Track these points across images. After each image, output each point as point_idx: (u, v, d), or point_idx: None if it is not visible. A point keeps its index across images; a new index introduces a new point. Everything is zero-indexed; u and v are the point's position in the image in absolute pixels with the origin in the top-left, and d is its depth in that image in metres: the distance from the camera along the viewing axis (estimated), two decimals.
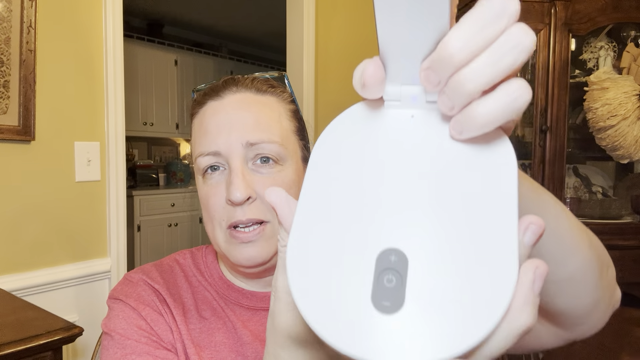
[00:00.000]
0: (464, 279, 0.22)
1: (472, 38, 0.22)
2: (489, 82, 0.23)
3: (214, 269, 0.65)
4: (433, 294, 0.22)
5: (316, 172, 0.27)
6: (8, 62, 1.29)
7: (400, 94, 0.26)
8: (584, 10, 1.81)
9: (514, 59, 0.22)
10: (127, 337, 0.55)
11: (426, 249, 0.23)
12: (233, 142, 0.56)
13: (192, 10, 4.03)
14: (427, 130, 0.26)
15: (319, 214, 0.25)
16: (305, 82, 2.08)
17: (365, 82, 0.25)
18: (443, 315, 0.21)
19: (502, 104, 0.23)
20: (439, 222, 0.24)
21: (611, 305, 0.46)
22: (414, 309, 0.22)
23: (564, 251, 0.37)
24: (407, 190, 0.25)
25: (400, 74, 0.25)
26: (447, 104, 0.24)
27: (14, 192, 1.34)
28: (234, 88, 0.60)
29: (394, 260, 0.23)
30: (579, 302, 0.41)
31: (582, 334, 0.46)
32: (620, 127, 1.76)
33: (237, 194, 0.54)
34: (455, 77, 0.23)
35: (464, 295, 0.22)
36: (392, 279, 0.23)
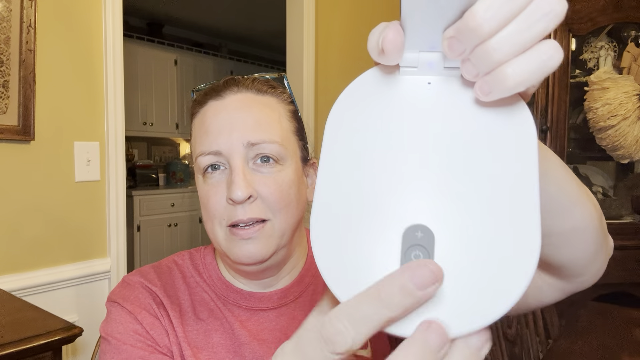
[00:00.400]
0: (488, 252, 0.22)
1: (501, 7, 0.22)
2: (517, 50, 0.22)
3: (212, 270, 0.65)
4: (459, 269, 0.22)
5: (334, 143, 0.26)
6: (8, 62, 1.29)
7: (418, 60, 0.26)
8: (585, 10, 1.81)
9: (544, 26, 0.22)
10: (124, 342, 0.56)
11: (451, 223, 0.23)
12: (234, 142, 0.56)
13: (192, 10, 4.03)
14: (445, 97, 0.26)
15: (339, 187, 0.25)
16: (305, 82, 2.07)
17: (385, 48, 0.24)
18: (470, 289, 0.22)
19: (534, 65, 0.22)
20: (461, 194, 0.24)
21: (608, 254, 0.47)
22: (442, 284, 0.22)
23: (569, 201, 0.38)
24: (429, 162, 0.25)
25: (420, 40, 0.25)
26: (472, 71, 0.24)
27: (13, 192, 1.34)
28: (234, 88, 0.60)
29: (420, 236, 0.23)
30: (582, 251, 0.42)
31: (582, 284, 0.47)
32: (621, 127, 1.75)
33: (239, 193, 0.54)
34: (483, 46, 0.23)
35: (488, 269, 0.22)
36: (419, 255, 0.23)
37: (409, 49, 0.26)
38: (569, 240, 0.40)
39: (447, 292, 0.22)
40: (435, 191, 0.24)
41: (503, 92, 0.23)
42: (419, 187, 0.24)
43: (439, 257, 0.23)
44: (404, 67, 0.26)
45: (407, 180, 0.24)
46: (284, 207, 0.58)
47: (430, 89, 0.26)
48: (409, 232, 0.24)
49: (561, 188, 0.37)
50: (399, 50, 0.25)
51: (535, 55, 0.23)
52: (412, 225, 0.24)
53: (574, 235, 0.40)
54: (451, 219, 0.23)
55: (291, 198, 0.59)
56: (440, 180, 0.24)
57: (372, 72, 0.28)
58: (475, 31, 0.22)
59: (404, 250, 0.23)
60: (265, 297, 0.63)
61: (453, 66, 0.26)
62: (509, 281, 0.22)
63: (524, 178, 0.23)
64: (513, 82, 0.23)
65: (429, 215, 0.24)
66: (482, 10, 0.22)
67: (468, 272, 0.22)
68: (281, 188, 0.57)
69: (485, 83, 0.24)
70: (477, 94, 0.24)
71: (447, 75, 0.26)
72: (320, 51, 2.14)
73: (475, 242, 0.23)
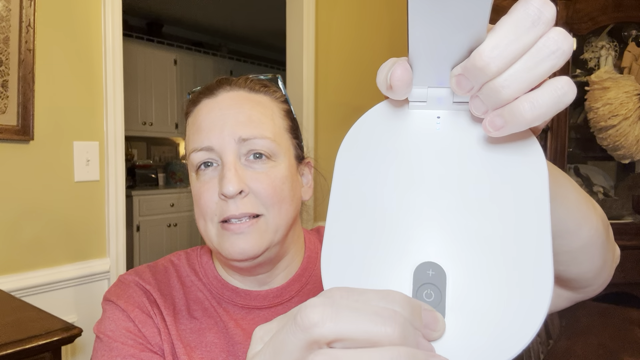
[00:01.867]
0: (500, 292, 0.22)
1: (508, 47, 0.22)
2: (526, 87, 0.23)
3: (208, 269, 0.65)
4: (472, 309, 0.22)
5: (344, 176, 0.26)
6: (7, 62, 1.29)
7: (426, 95, 0.26)
8: (585, 9, 1.81)
9: (552, 64, 0.22)
10: (115, 339, 0.56)
11: (462, 261, 0.23)
12: (226, 137, 0.57)
13: (191, 9, 4.02)
14: (455, 132, 0.26)
15: (350, 223, 0.25)
16: (305, 82, 2.07)
17: (393, 85, 0.25)
18: (483, 330, 0.22)
19: (549, 101, 0.23)
20: (472, 232, 0.23)
21: (614, 263, 0.48)
22: (455, 325, 0.22)
23: (578, 222, 0.38)
24: (439, 198, 0.25)
25: (428, 76, 0.25)
26: (481, 107, 0.24)
27: (12, 192, 1.34)
28: (227, 87, 0.61)
29: (431, 274, 0.23)
30: (590, 266, 0.42)
31: (590, 293, 0.48)
32: (622, 126, 1.75)
33: (230, 187, 0.55)
34: (490, 84, 0.23)
35: (501, 310, 0.22)
36: (431, 293, 0.23)
37: (418, 84, 0.26)
38: (577, 257, 0.40)
39: (459, 331, 0.22)
40: (445, 228, 0.24)
41: (519, 126, 0.23)
42: (429, 224, 0.24)
43: (451, 296, 0.23)
44: (413, 101, 0.27)
45: (418, 216, 0.24)
46: (277, 203, 0.58)
47: (439, 123, 0.26)
48: (420, 270, 0.23)
49: (570, 210, 0.37)
50: (407, 87, 0.25)
51: (551, 91, 0.23)
52: (424, 262, 0.23)
53: (582, 253, 0.40)
54: (462, 256, 0.23)
55: (285, 194, 0.58)
56: (451, 217, 0.24)
57: (381, 106, 0.28)
58: (483, 70, 0.22)
59: (416, 289, 0.23)
60: (260, 295, 0.63)
61: (462, 101, 0.26)
62: (522, 321, 0.21)
63: (536, 215, 0.23)
64: (531, 116, 0.23)
65: (440, 252, 0.23)
66: (488, 50, 0.22)
67: (481, 312, 0.22)
68: (274, 183, 0.57)
69: (499, 117, 0.24)
70: (486, 129, 0.24)
71: (456, 109, 0.26)
72: (320, 51, 2.14)
73: (487, 281, 0.22)
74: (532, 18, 0.22)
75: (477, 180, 0.24)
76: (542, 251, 0.22)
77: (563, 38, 0.22)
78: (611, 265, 0.46)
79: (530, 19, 0.22)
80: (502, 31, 0.22)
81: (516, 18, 0.22)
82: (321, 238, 0.72)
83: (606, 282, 0.47)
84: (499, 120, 0.24)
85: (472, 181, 0.24)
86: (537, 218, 0.23)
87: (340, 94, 2.16)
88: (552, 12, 0.22)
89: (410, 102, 0.27)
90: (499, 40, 0.22)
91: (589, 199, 0.41)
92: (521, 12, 0.22)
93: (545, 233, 0.23)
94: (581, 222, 0.38)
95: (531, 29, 0.22)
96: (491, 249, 0.23)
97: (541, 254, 0.22)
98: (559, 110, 0.23)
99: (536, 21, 0.22)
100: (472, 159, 0.25)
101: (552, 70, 0.23)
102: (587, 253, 0.41)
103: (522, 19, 0.22)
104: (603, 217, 0.42)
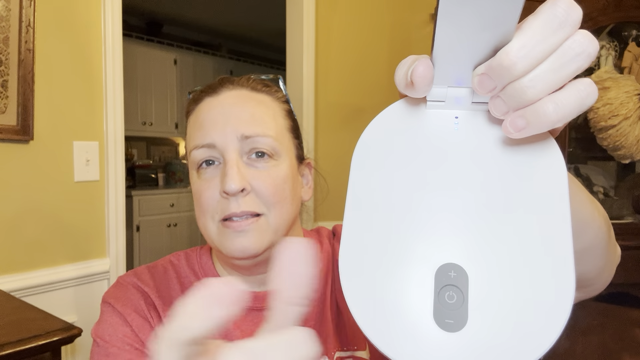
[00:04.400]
0: (522, 293, 0.22)
1: (535, 47, 0.22)
2: (550, 88, 0.23)
3: (208, 269, 0.65)
4: (495, 311, 0.22)
5: (361, 176, 0.26)
6: (7, 62, 1.29)
7: (446, 95, 0.26)
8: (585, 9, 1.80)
9: (577, 66, 0.22)
10: (112, 344, 0.57)
11: (484, 262, 0.23)
12: (228, 134, 0.57)
13: (191, 9, 4.02)
14: (473, 132, 0.26)
15: (368, 222, 0.25)
16: (305, 82, 2.07)
17: (415, 82, 0.24)
18: (506, 332, 0.21)
19: (573, 102, 0.23)
20: (493, 232, 0.23)
21: (616, 262, 0.48)
22: (478, 327, 0.22)
23: (583, 224, 0.38)
24: (459, 198, 0.24)
25: (449, 75, 0.25)
26: (502, 108, 0.24)
27: (12, 192, 1.34)
28: (230, 85, 0.61)
29: (453, 276, 0.23)
30: (593, 266, 0.42)
31: (591, 292, 0.48)
32: (622, 126, 1.75)
33: (232, 185, 0.54)
34: (515, 85, 0.23)
35: (524, 311, 0.22)
36: (453, 295, 0.22)
37: (437, 83, 0.25)
38: (581, 257, 0.40)
39: (482, 333, 0.22)
40: (465, 229, 0.24)
41: (541, 127, 0.23)
42: (449, 225, 0.24)
43: (473, 298, 0.22)
44: (431, 101, 0.26)
45: (437, 218, 0.24)
46: (278, 202, 0.58)
47: (457, 123, 0.26)
48: (441, 272, 0.23)
49: (575, 210, 0.37)
50: (429, 85, 0.25)
51: (575, 92, 0.23)
52: (445, 264, 0.23)
53: (586, 253, 0.40)
54: (483, 258, 0.23)
55: (286, 194, 0.58)
56: (470, 218, 0.24)
57: (398, 105, 0.27)
58: (509, 69, 0.22)
59: (437, 290, 0.23)
60: (259, 296, 0.63)
61: (481, 101, 0.25)
62: (545, 322, 0.21)
63: (556, 215, 0.23)
64: (555, 117, 0.23)
65: (461, 253, 0.23)
66: (516, 49, 0.22)
67: (503, 313, 0.22)
68: (275, 183, 0.57)
69: (521, 118, 0.23)
70: (507, 130, 0.24)
71: (474, 110, 0.26)
72: (320, 51, 2.13)
73: (510, 282, 0.22)
74: (559, 19, 0.22)
75: (495, 181, 0.24)
76: (563, 251, 0.22)
77: (589, 41, 0.22)
78: (613, 265, 0.47)
79: (557, 20, 0.22)
80: (529, 31, 0.22)
81: (544, 19, 0.22)
82: (321, 238, 0.72)
83: (607, 282, 0.47)
84: (521, 121, 0.23)
85: (490, 182, 0.24)
86: (557, 219, 0.23)
87: (340, 94, 2.16)
88: (579, 14, 0.22)
89: (429, 101, 0.26)
90: (527, 40, 0.22)
91: (593, 199, 0.41)
92: (549, 13, 0.22)
93: (566, 233, 0.23)
94: (586, 223, 0.38)
95: (558, 30, 0.22)
96: (512, 249, 0.23)
97: (562, 255, 0.22)
98: (581, 111, 0.23)
99: (563, 23, 0.22)
100: (490, 160, 0.25)
101: (577, 72, 0.23)
102: (590, 253, 0.41)
103: (550, 20, 0.22)
104: (606, 218, 0.42)
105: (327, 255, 0.69)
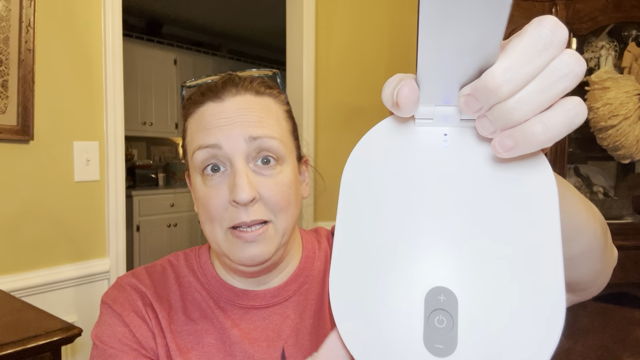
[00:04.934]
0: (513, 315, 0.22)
1: (520, 69, 0.22)
2: (537, 109, 0.22)
3: (207, 268, 0.65)
4: (485, 334, 0.22)
5: (350, 198, 0.26)
6: (7, 62, 1.29)
7: (433, 114, 0.26)
8: (585, 9, 1.81)
9: (564, 86, 0.22)
10: (110, 346, 0.57)
11: (473, 285, 0.23)
12: (235, 137, 0.56)
13: (191, 9, 4.02)
14: (462, 150, 0.26)
15: (358, 246, 0.25)
16: (305, 82, 2.07)
17: (400, 103, 0.24)
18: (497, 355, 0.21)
19: (562, 122, 0.22)
20: (482, 254, 0.23)
21: (613, 265, 0.48)
22: (468, 351, 0.22)
23: (578, 229, 0.38)
24: (448, 218, 0.24)
25: (435, 95, 0.25)
26: (489, 128, 0.24)
27: (12, 192, 1.34)
28: (233, 90, 0.60)
29: (443, 299, 0.23)
30: (590, 270, 0.43)
31: (588, 295, 0.48)
32: (622, 127, 1.75)
33: (243, 195, 0.54)
34: (501, 106, 0.23)
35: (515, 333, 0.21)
36: (442, 319, 0.22)
37: (425, 102, 0.25)
38: (577, 262, 0.40)
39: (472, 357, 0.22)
40: (454, 250, 0.23)
41: (530, 148, 0.23)
42: (438, 247, 0.24)
43: (463, 322, 0.22)
44: (420, 119, 0.26)
45: (426, 239, 0.24)
46: (284, 208, 0.58)
47: (446, 140, 0.26)
48: (431, 295, 0.23)
49: (570, 218, 0.37)
50: (414, 106, 0.25)
51: (564, 112, 0.22)
52: (434, 287, 0.23)
53: (582, 258, 0.40)
54: (473, 280, 0.23)
55: (291, 198, 0.59)
56: (460, 239, 0.24)
57: (387, 123, 0.27)
58: (494, 92, 0.22)
59: (427, 315, 0.23)
60: (258, 295, 0.63)
61: (469, 118, 0.25)
62: (536, 344, 0.21)
63: (546, 234, 0.23)
64: (544, 138, 0.22)
65: (450, 276, 0.23)
66: (500, 72, 0.22)
67: (494, 336, 0.22)
68: (282, 189, 0.58)
69: (510, 138, 0.23)
70: (495, 150, 0.24)
71: (463, 127, 0.26)
72: (320, 51, 2.13)
73: (499, 306, 0.22)
74: (544, 40, 0.21)
75: (485, 200, 0.24)
76: (553, 271, 0.22)
77: (575, 61, 0.22)
78: (610, 269, 0.47)
79: (543, 41, 0.21)
80: (514, 53, 0.22)
81: (528, 40, 0.22)
82: (319, 238, 0.72)
83: (604, 285, 0.47)
84: (510, 141, 0.23)
85: (480, 200, 0.24)
86: (548, 237, 0.23)
87: (340, 94, 2.16)
88: (565, 34, 0.22)
89: (417, 119, 0.26)
90: (512, 62, 0.22)
91: (589, 204, 0.41)
92: (534, 34, 0.22)
93: (556, 253, 0.22)
94: (581, 228, 0.38)
95: (543, 51, 0.22)
96: (502, 271, 0.22)
97: (553, 275, 0.22)
98: (570, 131, 0.23)
99: (549, 44, 0.21)
100: (480, 178, 0.25)
101: (564, 93, 0.22)
102: (586, 258, 0.41)
103: (535, 42, 0.22)
104: (602, 222, 0.42)
105: (325, 254, 0.69)
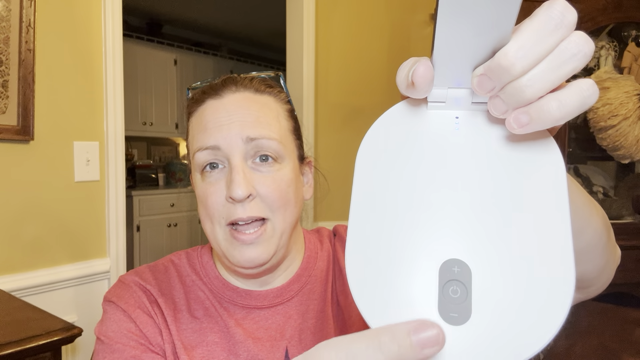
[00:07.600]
0: (524, 287, 0.23)
1: (533, 48, 0.23)
2: (548, 88, 0.23)
3: (209, 268, 0.65)
4: (497, 305, 0.23)
5: (365, 176, 0.27)
6: (7, 62, 1.29)
7: (446, 96, 0.27)
8: (585, 9, 1.81)
9: (573, 66, 0.23)
10: (116, 341, 0.57)
11: (486, 258, 0.24)
12: (233, 137, 0.57)
13: (191, 9, 4.02)
14: (473, 132, 0.27)
15: (373, 220, 0.25)
16: (305, 82, 2.07)
17: (416, 82, 0.25)
18: (508, 325, 0.22)
19: (576, 101, 0.24)
20: (494, 230, 0.24)
21: (615, 263, 0.48)
22: (482, 320, 0.23)
23: (582, 223, 0.38)
24: (461, 196, 0.25)
25: (449, 77, 0.26)
26: (501, 107, 0.25)
27: (12, 192, 1.34)
28: (233, 87, 0.61)
29: (457, 271, 0.24)
30: (592, 266, 0.43)
31: (591, 293, 0.49)
32: (621, 127, 1.75)
33: (239, 191, 0.54)
34: (514, 84, 0.24)
35: (525, 305, 0.22)
36: (457, 290, 0.23)
37: (438, 85, 0.26)
38: (581, 258, 0.41)
39: (485, 326, 0.22)
40: (468, 226, 0.24)
41: (544, 124, 0.24)
42: (451, 222, 0.25)
43: (476, 292, 0.23)
44: (432, 102, 0.27)
45: (440, 215, 0.25)
46: (282, 206, 0.58)
47: (458, 123, 0.27)
48: (445, 267, 0.24)
49: (574, 210, 0.37)
50: (429, 85, 0.25)
51: (578, 91, 0.24)
52: (449, 259, 0.24)
53: (584, 254, 0.41)
54: (486, 254, 0.24)
55: (290, 197, 0.59)
56: (473, 215, 0.25)
57: (399, 107, 0.28)
58: (508, 70, 0.23)
59: (442, 285, 0.23)
60: (261, 295, 0.63)
61: (480, 101, 0.26)
62: (545, 317, 0.22)
63: (556, 212, 0.24)
64: (558, 115, 0.24)
65: (464, 250, 0.24)
66: (514, 50, 0.23)
67: (505, 308, 0.23)
68: (280, 187, 0.58)
69: (525, 114, 0.24)
70: (510, 126, 0.25)
71: (474, 110, 0.27)
72: (320, 51, 2.14)
73: (511, 277, 0.23)
74: (555, 21, 0.23)
75: (496, 179, 0.25)
76: (563, 247, 0.23)
77: (584, 41, 0.23)
78: (612, 266, 0.47)
79: (553, 22, 0.23)
80: (526, 33, 0.23)
81: (540, 21, 0.23)
82: (321, 238, 0.72)
83: (607, 283, 0.48)
84: (525, 117, 0.24)
85: (491, 178, 0.25)
86: (557, 215, 0.24)
87: (340, 94, 2.16)
88: (574, 16, 0.23)
89: (429, 102, 0.27)
90: (524, 41, 0.23)
91: (591, 200, 0.41)
92: (545, 16, 0.23)
93: (566, 229, 0.23)
94: (584, 223, 0.39)
95: (554, 31, 0.23)
96: (513, 246, 0.23)
97: (563, 250, 0.23)
98: (582, 110, 0.24)
99: (559, 24, 0.23)
100: (491, 158, 0.26)
101: (574, 72, 0.24)
102: (589, 254, 0.41)
103: (546, 22, 0.23)
104: (605, 219, 0.43)
105: (327, 254, 0.69)
